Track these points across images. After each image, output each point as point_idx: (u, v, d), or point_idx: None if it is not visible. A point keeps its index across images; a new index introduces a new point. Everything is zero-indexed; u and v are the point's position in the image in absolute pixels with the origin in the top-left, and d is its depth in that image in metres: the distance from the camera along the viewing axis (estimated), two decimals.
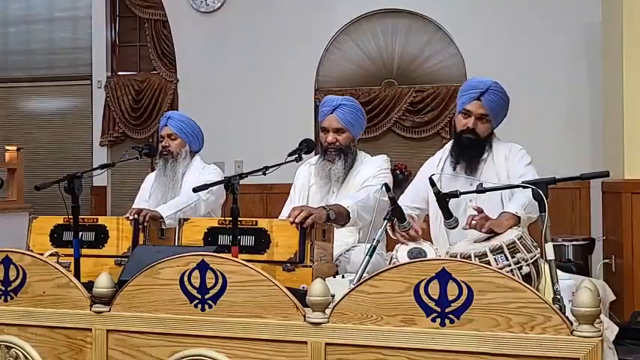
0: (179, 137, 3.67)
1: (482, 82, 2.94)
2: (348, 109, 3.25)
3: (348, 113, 3.24)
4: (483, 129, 2.94)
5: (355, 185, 3.22)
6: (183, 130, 3.67)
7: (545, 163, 2.95)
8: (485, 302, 1.89)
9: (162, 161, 3.68)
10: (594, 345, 1.82)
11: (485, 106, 2.90)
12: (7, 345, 2.36)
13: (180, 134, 3.67)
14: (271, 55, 6.23)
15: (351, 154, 3.27)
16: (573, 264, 4.74)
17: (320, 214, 2.74)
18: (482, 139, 2.95)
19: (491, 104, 2.91)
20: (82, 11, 7.02)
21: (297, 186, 3.42)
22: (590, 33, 5.54)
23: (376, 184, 3.12)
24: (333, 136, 3.23)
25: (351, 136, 3.26)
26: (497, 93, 2.93)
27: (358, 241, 3.18)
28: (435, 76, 6.04)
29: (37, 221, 3.11)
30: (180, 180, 3.62)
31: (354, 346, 2.02)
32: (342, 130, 3.24)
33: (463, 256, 2.30)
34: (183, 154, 3.66)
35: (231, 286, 2.13)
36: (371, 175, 3.21)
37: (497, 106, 2.93)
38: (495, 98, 2.92)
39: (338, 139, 3.23)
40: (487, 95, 2.90)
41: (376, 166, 3.26)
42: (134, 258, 2.53)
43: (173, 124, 3.68)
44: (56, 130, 7.11)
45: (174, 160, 3.65)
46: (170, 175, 3.63)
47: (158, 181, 3.67)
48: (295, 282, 2.58)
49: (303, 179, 3.39)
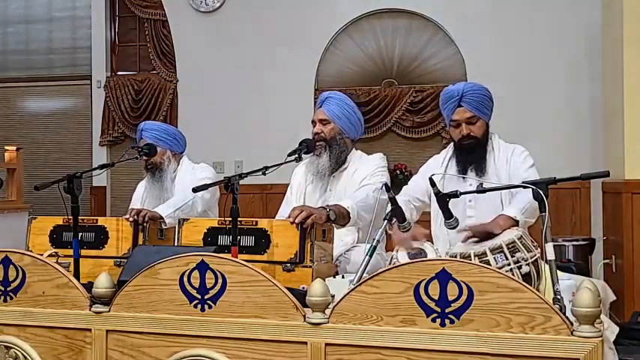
0: (158, 146, 3.64)
1: (455, 89, 2.98)
2: (335, 102, 3.30)
3: (334, 105, 3.29)
4: (477, 129, 2.97)
5: (353, 184, 3.22)
6: (159, 138, 3.65)
7: (545, 163, 2.94)
8: (486, 302, 1.89)
9: (150, 174, 3.67)
10: (594, 345, 1.82)
11: (468, 109, 2.94)
12: (6, 345, 2.36)
13: (157, 143, 3.64)
14: (271, 55, 6.23)
15: (338, 146, 3.26)
16: (573, 264, 4.73)
17: (320, 214, 2.74)
18: (481, 139, 2.98)
19: (472, 105, 2.94)
20: (82, 11, 7.01)
21: (294, 186, 3.42)
22: (590, 33, 5.54)
23: (374, 182, 3.14)
24: (319, 127, 3.28)
25: (337, 128, 3.27)
26: (474, 92, 2.96)
27: (357, 241, 3.18)
28: (435, 76, 6.04)
29: (36, 221, 3.12)
30: (169, 186, 3.61)
31: (354, 347, 2.02)
32: (327, 122, 3.27)
33: (463, 255, 2.30)
34: (166, 161, 3.65)
35: (230, 287, 2.13)
36: (369, 174, 3.21)
37: (479, 104, 2.96)
38: (474, 98, 2.95)
39: (323, 130, 3.26)
40: (465, 99, 2.94)
41: (373, 165, 3.26)
42: (133, 258, 2.53)
43: (148, 136, 3.65)
44: (56, 130, 7.11)
45: (160, 170, 3.64)
46: (158, 185, 3.63)
47: (149, 192, 3.67)
48: (295, 282, 2.58)
49: (300, 179, 3.40)
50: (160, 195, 3.59)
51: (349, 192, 3.16)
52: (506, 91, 5.17)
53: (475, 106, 2.94)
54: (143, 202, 3.67)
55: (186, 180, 3.56)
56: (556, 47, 5.68)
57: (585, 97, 5.63)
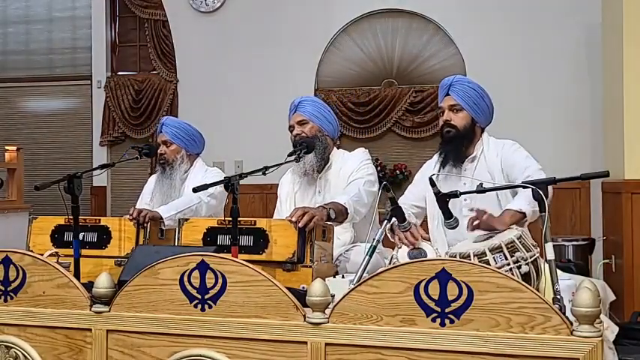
0: (174, 143, 3.66)
1: (448, 79, 3.05)
2: (308, 103, 3.35)
3: (308, 106, 3.33)
4: (459, 119, 2.99)
5: (341, 182, 3.24)
6: (177, 135, 3.67)
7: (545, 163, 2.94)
8: (486, 302, 1.89)
9: (161, 168, 3.69)
10: (594, 345, 1.82)
11: (454, 97, 2.99)
12: (6, 345, 2.36)
13: (174, 140, 3.66)
14: (271, 55, 6.23)
15: (321, 143, 3.28)
16: (573, 264, 4.73)
17: (321, 214, 2.75)
18: (461, 131, 2.99)
19: (459, 94, 2.98)
20: (82, 11, 7.01)
21: (282, 195, 3.44)
22: (590, 33, 5.54)
23: (363, 176, 3.19)
24: (298, 129, 3.30)
25: (316, 126, 3.30)
26: (463, 83, 3.02)
27: (353, 238, 3.19)
28: (435, 76, 6.03)
29: (36, 221, 3.12)
30: (178, 185, 3.62)
31: (354, 346, 2.02)
32: (305, 122, 3.30)
33: (462, 255, 2.30)
34: (179, 159, 3.66)
35: (231, 287, 2.13)
36: (354, 169, 3.24)
37: (467, 96, 2.98)
38: (462, 87, 3.00)
39: (303, 131, 3.28)
40: (453, 87, 3.00)
41: (358, 160, 3.29)
42: (134, 258, 2.53)
43: (167, 131, 3.68)
44: (56, 130, 7.11)
45: (171, 167, 3.65)
46: (167, 181, 3.63)
47: (158, 187, 3.68)
48: (295, 282, 2.58)
49: (287, 188, 3.41)
50: (168, 192, 3.60)
51: (339, 190, 3.18)
52: (505, 90, 5.18)
53: (461, 96, 2.98)
54: (153, 196, 3.69)
55: (196, 183, 3.55)
56: (556, 47, 5.68)
57: (585, 97, 5.63)
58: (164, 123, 3.73)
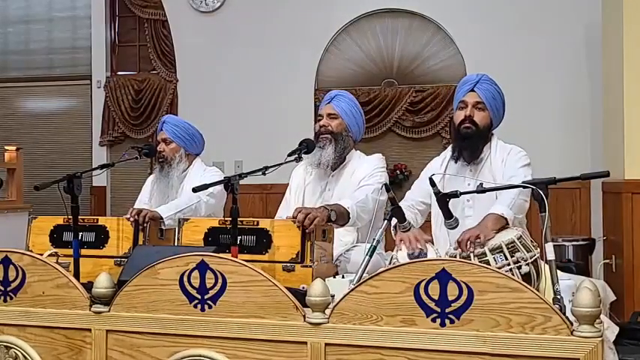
0: (173, 142, 3.66)
1: (475, 75, 3.03)
2: (344, 100, 3.34)
3: (343, 102, 3.33)
4: (481, 117, 2.96)
5: (352, 184, 3.23)
6: (177, 134, 3.66)
7: (545, 163, 2.95)
8: (486, 302, 1.89)
9: (159, 166, 3.69)
10: (594, 345, 1.82)
11: (479, 95, 2.96)
12: (6, 345, 2.36)
13: (174, 138, 3.65)
14: (271, 55, 6.22)
15: (342, 141, 3.28)
16: (573, 264, 4.73)
17: (322, 215, 2.75)
18: (481, 130, 2.96)
19: (485, 93, 2.97)
20: (82, 11, 7.01)
21: (293, 187, 3.43)
22: (590, 33, 5.54)
23: (373, 183, 3.16)
24: (326, 120, 3.30)
25: (344, 124, 3.30)
26: (492, 84, 3.00)
27: (357, 240, 3.18)
28: (435, 76, 6.04)
29: (36, 221, 3.11)
30: (176, 184, 3.62)
31: (354, 347, 2.02)
32: (335, 116, 3.30)
33: (462, 256, 2.30)
34: (177, 158, 3.66)
35: (230, 287, 2.13)
36: (367, 174, 3.22)
37: (491, 96, 2.98)
38: (489, 87, 2.98)
39: (330, 124, 3.28)
40: (480, 85, 2.98)
41: (372, 165, 3.27)
42: (134, 258, 2.53)
43: (167, 129, 3.68)
44: (55, 130, 7.10)
45: (169, 165, 3.65)
46: (165, 180, 3.63)
47: (157, 185, 3.68)
48: (295, 282, 2.58)
49: (299, 180, 3.41)
50: (166, 191, 3.61)
51: (348, 192, 3.17)
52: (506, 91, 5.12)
53: (487, 95, 2.96)
54: (152, 196, 3.69)
55: (194, 182, 3.55)
56: (556, 47, 5.68)
57: (585, 97, 5.63)
58: (165, 121, 3.73)
